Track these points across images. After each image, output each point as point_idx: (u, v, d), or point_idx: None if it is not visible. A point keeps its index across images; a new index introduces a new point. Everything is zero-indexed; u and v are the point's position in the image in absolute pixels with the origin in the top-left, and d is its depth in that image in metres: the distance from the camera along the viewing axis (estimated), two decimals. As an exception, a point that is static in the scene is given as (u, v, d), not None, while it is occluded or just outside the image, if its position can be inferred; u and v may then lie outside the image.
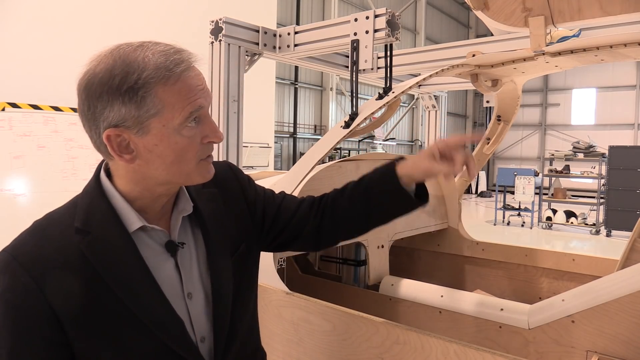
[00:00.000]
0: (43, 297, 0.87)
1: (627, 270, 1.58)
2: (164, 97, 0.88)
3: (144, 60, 0.87)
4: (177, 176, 0.95)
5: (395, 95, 1.86)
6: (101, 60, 0.89)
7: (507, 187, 12.98)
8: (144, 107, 0.87)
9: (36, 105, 4.74)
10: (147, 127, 0.89)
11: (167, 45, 0.91)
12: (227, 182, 1.17)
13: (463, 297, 2.05)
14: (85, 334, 0.89)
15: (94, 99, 0.88)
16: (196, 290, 1.03)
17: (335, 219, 1.22)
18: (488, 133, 2.78)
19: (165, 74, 0.87)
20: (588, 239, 10.60)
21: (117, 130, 0.88)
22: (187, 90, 0.90)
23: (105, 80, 0.86)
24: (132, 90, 0.86)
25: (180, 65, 0.89)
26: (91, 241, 0.91)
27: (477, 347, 1.32)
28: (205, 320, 1.04)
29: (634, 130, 20.94)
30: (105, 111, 0.87)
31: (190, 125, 0.92)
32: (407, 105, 19.16)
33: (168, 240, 1.00)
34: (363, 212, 1.20)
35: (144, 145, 0.90)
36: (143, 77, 0.86)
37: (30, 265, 0.88)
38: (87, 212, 0.94)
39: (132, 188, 0.96)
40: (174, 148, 0.91)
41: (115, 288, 0.91)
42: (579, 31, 2.06)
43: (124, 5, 5.47)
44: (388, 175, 1.15)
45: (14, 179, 4.58)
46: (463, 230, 2.94)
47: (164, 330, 0.94)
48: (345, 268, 2.63)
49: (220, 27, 1.93)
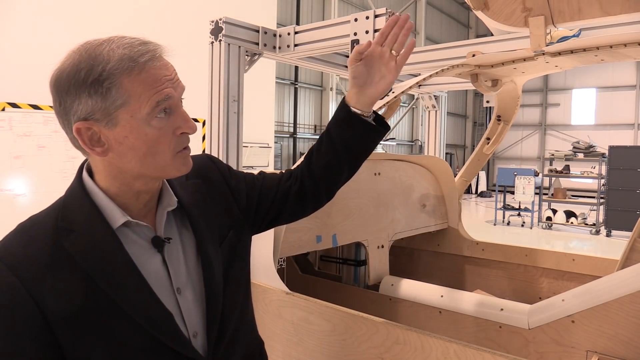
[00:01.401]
0: (30, 298, 0.86)
1: (627, 270, 1.58)
2: (129, 88, 0.88)
3: (108, 53, 0.88)
4: (152, 169, 0.95)
5: (395, 95, 1.86)
6: (69, 56, 0.90)
7: (507, 187, 12.98)
8: (109, 99, 0.88)
9: (36, 105, 4.74)
10: (116, 119, 0.89)
11: (133, 38, 0.92)
12: (209, 172, 1.17)
13: (463, 297, 2.05)
14: (75, 333, 0.89)
15: (63, 94, 0.89)
16: (185, 285, 1.03)
17: (313, 177, 1.24)
18: (488, 133, 2.78)
19: (129, 65, 0.88)
20: (588, 239, 10.60)
21: (86, 123, 0.89)
22: (153, 80, 0.90)
23: (72, 75, 0.88)
24: (97, 82, 0.87)
25: (145, 56, 0.90)
26: (75, 239, 0.91)
27: (477, 347, 1.32)
28: (196, 315, 1.03)
29: (634, 130, 20.94)
30: (74, 105, 0.89)
31: (159, 117, 0.92)
32: (407, 105, 19.16)
33: (154, 236, 1.00)
34: (334, 156, 1.21)
35: (114, 138, 0.91)
36: (108, 69, 0.87)
37: (16, 265, 0.88)
38: (71, 210, 0.95)
39: (111, 183, 0.97)
40: (145, 139, 0.92)
41: (102, 285, 0.90)
42: (579, 31, 2.06)
43: (124, 6, 5.48)
44: (340, 110, 1.19)
45: (14, 179, 4.58)
46: (463, 230, 2.94)
47: (154, 325, 0.94)
48: (345, 268, 2.63)
49: (220, 27, 1.93)
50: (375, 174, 2.46)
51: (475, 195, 20.72)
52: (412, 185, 2.70)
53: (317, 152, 1.24)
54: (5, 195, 4.52)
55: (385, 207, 2.49)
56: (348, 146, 1.21)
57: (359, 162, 1.27)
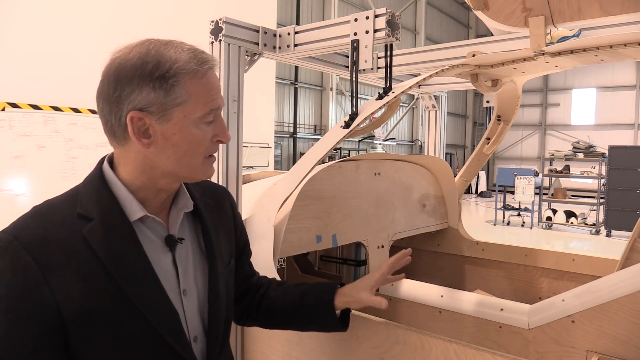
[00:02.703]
0: (43, 280, 0.86)
1: (627, 270, 1.58)
2: (190, 89, 0.93)
3: (175, 54, 0.93)
4: (184, 169, 0.98)
5: (395, 95, 1.86)
6: (133, 49, 0.93)
7: (507, 187, 12.99)
8: (171, 95, 0.92)
9: (36, 105, 4.74)
10: (170, 115, 0.93)
11: (192, 45, 0.98)
12: (222, 200, 1.22)
13: (463, 297, 2.05)
14: (83, 321, 0.89)
15: (124, 82, 0.91)
16: (191, 288, 1.04)
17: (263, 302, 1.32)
18: (488, 133, 2.78)
19: (194, 68, 0.94)
20: (588, 239, 10.60)
21: (140, 113, 0.91)
22: (210, 87, 0.97)
23: (138, 66, 0.91)
24: (163, 78, 0.91)
25: (207, 64, 0.96)
26: (94, 227, 0.92)
27: (477, 347, 1.32)
28: (198, 319, 1.05)
29: (634, 130, 20.94)
30: (133, 94, 0.91)
31: (206, 122, 0.97)
32: (407, 105, 19.16)
33: (168, 235, 1.01)
34: (288, 310, 1.32)
35: (162, 132, 0.94)
36: (175, 67, 0.92)
37: (32, 246, 0.87)
38: (90, 199, 0.95)
39: (137, 176, 0.98)
40: (189, 139, 0.95)
41: (115, 275, 0.91)
42: (579, 31, 2.05)
43: (124, 6, 5.47)
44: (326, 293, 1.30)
45: (14, 179, 4.58)
46: (463, 230, 2.94)
47: (160, 322, 0.95)
48: (345, 268, 2.63)
49: (220, 27, 1.93)
50: (375, 174, 2.46)
51: (475, 195, 20.72)
52: (412, 185, 2.70)
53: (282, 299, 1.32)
54: (5, 195, 4.52)
55: (385, 207, 2.49)
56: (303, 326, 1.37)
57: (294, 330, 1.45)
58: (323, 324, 1.33)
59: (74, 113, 4.90)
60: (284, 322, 1.35)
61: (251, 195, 2.22)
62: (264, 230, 1.82)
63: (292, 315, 1.32)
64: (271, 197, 1.94)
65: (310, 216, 2.04)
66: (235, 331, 1.99)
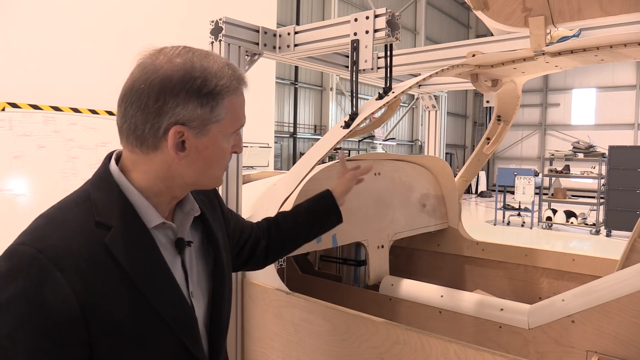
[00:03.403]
0: (72, 293, 0.82)
1: (627, 270, 1.58)
2: (229, 107, 0.95)
3: (218, 70, 0.94)
4: (206, 179, 1.01)
5: (395, 95, 1.86)
6: (171, 59, 0.91)
7: (507, 187, 12.99)
8: (215, 112, 0.93)
9: (36, 105, 4.73)
10: (208, 130, 0.94)
11: (225, 59, 0.99)
12: (209, 195, 1.23)
13: (463, 297, 2.05)
14: (111, 332, 0.87)
15: (169, 95, 0.89)
16: (196, 290, 1.04)
17: (281, 237, 1.49)
18: (488, 133, 2.78)
19: (235, 86, 0.96)
20: (588, 239, 10.60)
21: (182, 127, 0.91)
22: (241, 105, 1.00)
23: (187, 80, 0.90)
24: (210, 95, 0.92)
25: (242, 82, 0.99)
26: (115, 236, 0.89)
27: (477, 347, 1.32)
28: (202, 321, 1.05)
29: (634, 130, 20.94)
30: (178, 108, 0.90)
31: (234, 136, 1.01)
32: (407, 105, 19.16)
33: (178, 238, 1.01)
34: (304, 228, 1.53)
35: (196, 146, 0.94)
36: (220, 85, 0.93)
37: (58, 259, 0.83)
38: (106, 205, 0.92)
39: (155, 184, 0.96)
40: (220, 153, 0.98)
41: (139, 284, 0.89)
42: (579, 31, 2.05)
43: (124, 5, 5.47)
44: (325, 196, 1.57)
45: (14, 179, 4.58)
46: (463, 230, 2.94)
47: (183, 328, 0.95)
48: (345, 268, 2.63)
49: (220, 27, 1.93)
50: (376, 174, 2.46)
51: (475, 195, 20.71)
52: (412, 185, 2.70)
53: (293, 220, 1.52)
54: (5, 195, 4.52)
55: (385, 207, 2.49)
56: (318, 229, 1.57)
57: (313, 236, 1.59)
58: (333, 223, 1.58)
59: (74, 113, 4.89)
60: (302, 239, 1.54)
61: (251, 195, 2.22)
62: (264, 230, 1.82)
63: (308, 230, 1.54)
64: (271, 197, 1.94)
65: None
66: (235, 331, 1.99)
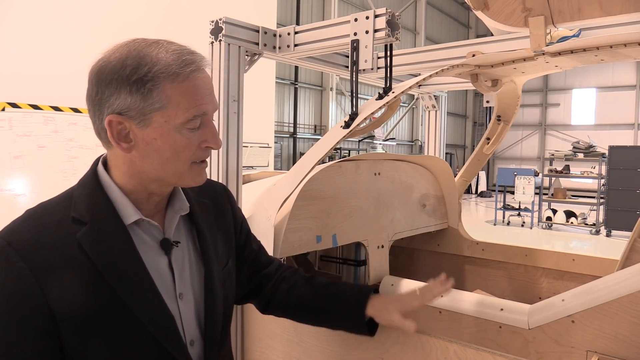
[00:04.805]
0: (37, 285, 0.85)
1: (627, 270, 1.58)
2: (170, 94, 0.90)
3: (157, 56, 0.90)
4: (170, 175, 0.96)
5: (395, 95, 1.86)
6: (116, 50, 0.91)
7: (507, 187, 12.99)
8: (149, 100, 0.89)
9: (36, 105, 4.74)
10: (149, 120, 0.90)
11: (181, 46, 0.94)
12: (220, 199, 1.20)
13: (463, 297, 2.05)
14: (78, 325, 0.88)
15: (103, 85, 0.90)
16: (187, 291, 1.03)
17: (290, 297, 1.32)
18: (488, 133, 2.78)
19: (175, 71, 0.90)
20: (588, 239, 10.60)
21: (119, 117, 0.90)
22: (194, 91, 0.92)
23: (117, 69, 0.89)
24: (140, 82, 0.88)
25: (191, 66, 0.92)
26: (88, 232, 0.91)
27: (477, 347, 1.32)
28: (195, 323, 1.04)
29: (634, 130, 20.94)
30: (112, 98, 0.89)
31: (190, 127, 0.93)
32: (407, 105, 19.16)
33: (163, 238, 1.00)
34: (317, 311, 1.33)
35: (142, 137, 0.92)
36: (153, 71, 0.88)
37: (26, 251, 0.87)
38: (84, 202, 0.94)
39: (128, 181, 0.97)
40: (172, 145, 0.93)
41: (110, 280, 0.90)
42: (579, 31, 2.05)
43: (123, 5, 5.47)
44: (357, 303, 1.29)
45: (14, 179, 4.58)
46: (463, 230, 2.94)
47: (156, 326, 0.94)
48: (345, 268, 2.63)
49: (220, 27, 1.93)
50: (375, 174, 2.45)
51: (475, 195, 20.72)
52: (412, 185, 2.70)
53: (312, 295, 1.32)
54: (5, 195, 4.52)
55: (385, 207, 2.49)
56: (329, 324, 1.38)
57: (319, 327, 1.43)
58: (351, 329, 1.35)
59: (74, 113, 4.89)
60: (312, 320, 1.37)
61: (251, 195, 2.22)
62: (264, 230, 1.82)
63: (322, 316, 1.34)
64: (271, 197, 1.94)
65: (310, 216, 2.04)
66: (235, 331, 1.99)
